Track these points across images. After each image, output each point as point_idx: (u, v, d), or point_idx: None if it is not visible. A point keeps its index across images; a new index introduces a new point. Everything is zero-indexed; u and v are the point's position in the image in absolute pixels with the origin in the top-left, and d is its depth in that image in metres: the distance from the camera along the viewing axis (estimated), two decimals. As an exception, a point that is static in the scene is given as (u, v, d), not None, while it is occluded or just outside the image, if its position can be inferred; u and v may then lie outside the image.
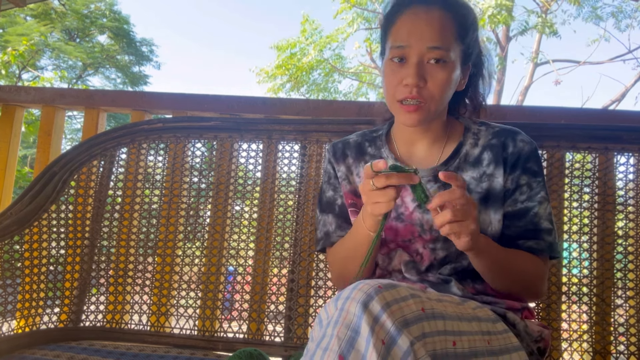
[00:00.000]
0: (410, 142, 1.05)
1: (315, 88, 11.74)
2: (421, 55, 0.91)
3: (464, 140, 1.03)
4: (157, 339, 1.31)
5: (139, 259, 1.37)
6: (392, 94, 0.95)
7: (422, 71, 0.91)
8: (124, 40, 14.86)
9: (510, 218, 0.99)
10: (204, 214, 1.43)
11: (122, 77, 15.34)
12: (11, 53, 6.50)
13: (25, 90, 1.68)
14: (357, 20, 10.11)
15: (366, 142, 1.10)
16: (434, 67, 0.91)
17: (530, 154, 1.00)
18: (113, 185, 1.42)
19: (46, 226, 1.32)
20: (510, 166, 0.99)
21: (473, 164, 1.01)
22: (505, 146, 1.01)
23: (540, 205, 0.98)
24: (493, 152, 1.00)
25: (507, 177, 0.99)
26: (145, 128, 1.41)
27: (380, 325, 0.61)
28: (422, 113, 0.93)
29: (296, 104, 1.60)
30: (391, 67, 0.94)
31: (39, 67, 12.85)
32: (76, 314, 1.33)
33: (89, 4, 14.20)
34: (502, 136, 1.02)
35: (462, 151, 1.02)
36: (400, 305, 0.64)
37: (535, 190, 0.99)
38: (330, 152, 1.13)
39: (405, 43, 0.92)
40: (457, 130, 1.06)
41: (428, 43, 0.90)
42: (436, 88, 0.92)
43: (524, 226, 0.97)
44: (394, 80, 0.94)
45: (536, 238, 0.96)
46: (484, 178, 1.00)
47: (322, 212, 1.11)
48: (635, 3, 8.81)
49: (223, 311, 1.35)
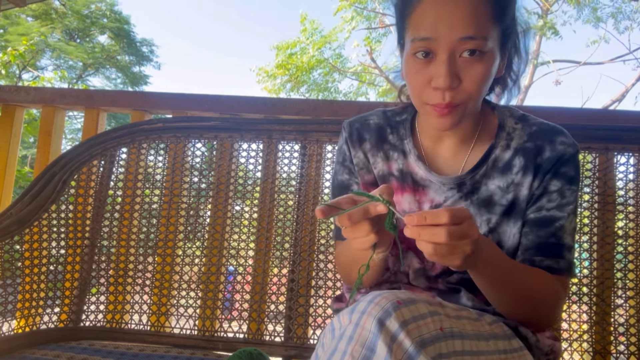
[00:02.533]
0: (436, 137, 0.92)
1: (315, 88, 11.75)
2: (452, 48, 0.75)
3: (495, 142, 0.89)
4: (157, 338, 1.31)
5: (139, 259, 1.37)
6: (419, 95, 0.80)
7: (455, 68, 0.75)
8: (125, 40, 14.88)
9: (531, 225, 0.87)
10: (204, 214, 1.43)
11: (122, 77, 15.36)
12: (11, 53, 6.50)
13: (25, 90, 1.68)
14: (356, 18, 10.11)
15: (388, 128, 0.96)
16: (469, 61, 0.75)
17: (569, 158, 0.86)
18: (113, 185, 1.42)
19: (46, 226, 1.32)
20: (543, 173, 0.86)
21: (502, 171, 0.88)
22: (540, 151, 0.87)
23: (568, 218, 0.85)
24: (525, 157, 0.87)
25: (536, 182, 0.86)
26: (146, 128, 1.41)
27: (398, 344, 0.58)
28: (457, 115, 0.79)
29: (296, 104, 1.60)
30: (415, 64, 0.79)
31: (40, 67, 12.86)
32: (76, 313, 1.33)
33: (89, 4, 14.21)
34: (539, 138, 0.87)
35: (491, 156, 0.88)
36: (419, 324, 0.61)
37: (568, 199, 0.86)
38: (346, 131, 0.98)
39: (431, 34, 0.75)
40: (490, 127, 0.91)
41: (460, 33, 0.74)
42: (473, 85, 0.77)
43: (545, 237, 0.85)
44: (420, 80, 0.79)
45: (557, 255, 0.84)
46: (510, 188, 0.87)
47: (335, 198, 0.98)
48: (635, 4, 8.81)
49: (223, 311, 1.35)
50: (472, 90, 0.77)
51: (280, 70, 11.24)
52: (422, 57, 0.77)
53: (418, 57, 0.78)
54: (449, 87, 0.75)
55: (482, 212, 0.88)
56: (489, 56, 0.77)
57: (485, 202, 0.89)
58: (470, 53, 0.75)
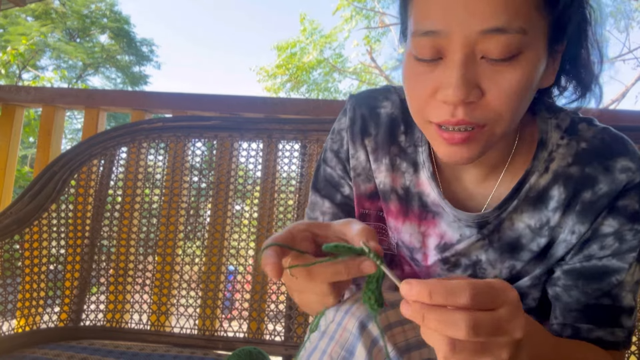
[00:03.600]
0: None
1: (315, 87, 11.77)
2: (470, 45, 0.52)
3: (532, 167, 0.64)
4: (157, 338, 1.31)
5: (139, 258, 1.37)
6: (420, 111, 0.58)
7: (473, 73, 0.53)
8: (124, 40, 14.89)
9: (575, 276, 0.64)
10: (204, 213, 1.43)
11: (122, 77, 15.37)
12: (11, 52, 6.50)
13: (25, 90, 1.68)
14: (355, 17, 10.12)
15: (402, 125, 0.72)
16: (496, 66, 0.53)
17: (632, 189, 0.62)
18: (113, 185, 1.42)
19: (46, 225, 1.32)
20: (594, 213, 0.62)
21: (534, 203, 0.65)
22: (590, 182, 0.62)
23: (630, 270, 0.62)
24: (568, 188, 0.63)
25: (582, 226, 0.63)
26: (146, 127, 1.41)
27: (379, 348, 0.52)
28: (477, 144, 0.56)
29: (296, 103, 1.60)
30: (416, 67, 0.57)
31: (40, 67, 12.86)
32: (76, 313, 1.33)
33: (89, 4, 14.21)
34: (588, 163, 0.62)
35: (525, 185, 0.65)
36: (404, 328, 0.54)
37: (630, 243, 0.62)
38: (349, 114, 0.75)
39: (439, 26, 0.53)
40: (528, 142, 0.66)
41: (482, 23, 0.51)
42: (501, 101, 0.53)
43: (596, 297, 0.62)
44: (422, 90, 0.56)
45: (612, 323, 0.62)
46: (544, 230, 0.65)
47: (316, 192, 0.78)
48: (635, 3, 8.81)
49: (223, 310, 1.35)
50: (501, 107, 0.54)
51: (281, 70, 11.25)
52: (428, 59, 0.55)
53: (420, 60, 0.56)
54: (462, 101, 0.52)
55: (504, 257, 0.68)
56: (529, 59, 0.53)
57: (509, 247, 0.67)
58: (499, 53, 0.52)
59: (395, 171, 0.72)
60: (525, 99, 0.56)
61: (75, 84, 13.78)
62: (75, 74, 14.41)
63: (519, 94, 0.54)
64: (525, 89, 0.54)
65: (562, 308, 0.65)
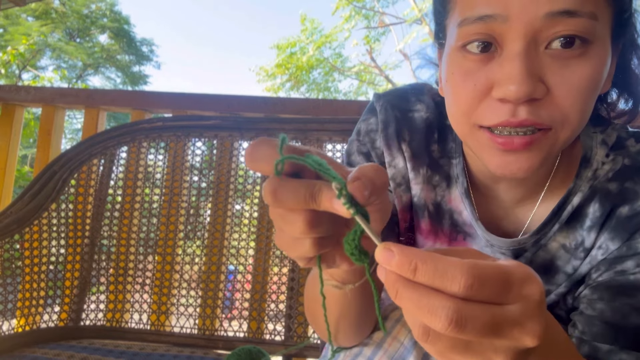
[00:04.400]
0: (491, 178, 0.60)
1: (315, 87, 11.78)
2: (533, 32, 0.45)
3: (574, 186, 0.57)
4: (157, 337, 1.31)
5: (139, 258, 1.37)
6: (467, 113, 0.50)
7: (538, 66, 0.46)
8: (124, 40, 14.90)
9: (602, 289, 0.56)
10: (204, 213, 1.43)
11: (122, 76, 15.38)
12: (11, 52, 6.51)
13: (25, 90, 1.68)
14: (355, 17, 10.13)
15: (436, 132, 0.64)
16: (565, 57, 0.45)
17: None
18: (113, 184, 1.42)
19: (46, 225, 1.32)
20: (630, 231, 0.55)
21: (568, 222, 0.58)
22: (629, 197, 0.55)
23: None
24: (604, 205, 0.56)
25: (612, 242, 0.56)
26: (146, 127, 1.41)
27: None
28: (540, 152, 0.48)
29: (296, 103, 1.60)
30: (464, 62, 0.49)
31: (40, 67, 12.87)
32: (76, 312, 1.33)
33: (89, 4, 14.23)
34: (629, 178, 0.56)
35: (567, 207, 0.58)
36: None
37: None
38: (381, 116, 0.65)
39: (495, 10, 0.45)
40: (571, 158, 0.59)
41: (548, 5, 0.44)
42: (571, 99, 0.46)
43: (623, 312, 0.53)
44: (472, 88, 0.48)
45: (638, 347, 0.53)
46: (579, 252, 0.58)
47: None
48: (635, 2, 8.80)
49: (223, 310, 1.35)
50: (571, 105, 0.46)
51: (280, 70, 11.27)
52: (479, 50, 0.47)
53: (471, 51, 0.48)
54: (527, 96, 0.44)
55: None
56: (598, 52, 0.46)
57: (544, 269, 0.60)
58: (567, 42, 0.44)
59: (428, 184, 0.64)
60: (592, 100, 0.48)
61: (75, 83, 13.79)
62: (75, 74, 14.42)
63: (588, 92, 0.46)
64: (595, 87, 0.47)
65: (583, 322, 0.55)
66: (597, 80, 0.47)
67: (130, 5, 40.39)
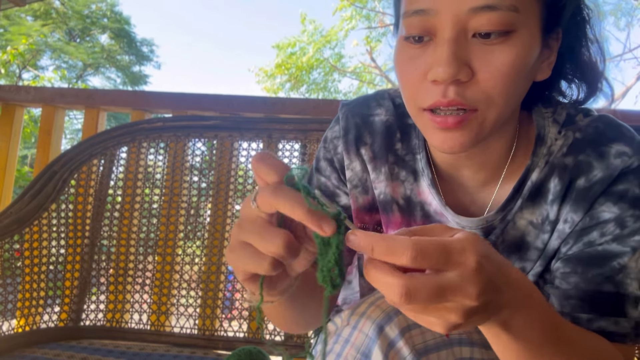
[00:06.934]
0: (453, 167, 0.66)
1: (315, 87, 11.78)
2: (460, 23, 0.51)
3: (532, 163, 0.63)
4: (157, 337, 1.31)
5: (139, 258, 1.37)
6: (413, 97, 0.56)
7: (464, 52, 0.52)
8: (125, 40, 14.91)
9: (574, 262, 0.60)
10: (204, 213, 1.43)
11: (122, 77, 15.38)
12: (11, 52, 6.51)
13: (25, 90, 1.68)
14: (355, 17, 10.13)
15: (397, 132, 0.70)
16: (487, 44, 0.52)
17: (630, 173, 0.59)
18: (113, 185, 1.42)
19: (46, 225, 1.32)
20: (589, 201, 0.60)
21: (532, 198, 0.63)
22: (584, 169, 0.60)
23: (634, 255, 0.57)
24: (563, 179, 0.61)
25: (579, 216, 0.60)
26: (146, 127, 1.41)
27: (395, 351, 0.51)
28: (470, 129, 0.54)
29: (296, 103, 1.60)
30: (407, 50, 0.56)
31: (40, 67, 12.88)
32: (76, 313, 1.33)
33: (89, 4, 14.23)
34: (582, 151, 0.61)
35: (527, 182, 0.63)
36: (423, 330, 0.53)
37: (631, 228, 0.58)
38: (342, 122, 0.72)
39: (428, 4, 0.52)
40: (527, 139, 0.65)
41: (471, 1, 0.51)
42: (494, 80, 0.52)
43: (598, 282, 0.57)
44: (412, 73, 0.55)
45: (616, 312, 0.57)
46: (546, 225, 0.63)
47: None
48: (635, 2, 8.81)
49: (223, 310, 1.35)
50: (493, 87, 0.52)
51: (280, 70, 11.27)
52: (415, 41, 0.54)
53: (410, 41, 0.55)
54: (453, 78, 0.51)
55: (512, 259, 0.65)
56: (521, 39, 0.52)
57: (515, 246, 0.65)
58: (488, 32, 0.51)
59: (395, 180, 0.70)
60: (518, 83, 0.54)
61: (76, 84, 13.80)
62: (76, 74, 14.43)
63: (511, 75, 0.52)
64: (517, 72, 0.52)
65: (559, 296, 0.60)
66: (520, 65, 0.52)
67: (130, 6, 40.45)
